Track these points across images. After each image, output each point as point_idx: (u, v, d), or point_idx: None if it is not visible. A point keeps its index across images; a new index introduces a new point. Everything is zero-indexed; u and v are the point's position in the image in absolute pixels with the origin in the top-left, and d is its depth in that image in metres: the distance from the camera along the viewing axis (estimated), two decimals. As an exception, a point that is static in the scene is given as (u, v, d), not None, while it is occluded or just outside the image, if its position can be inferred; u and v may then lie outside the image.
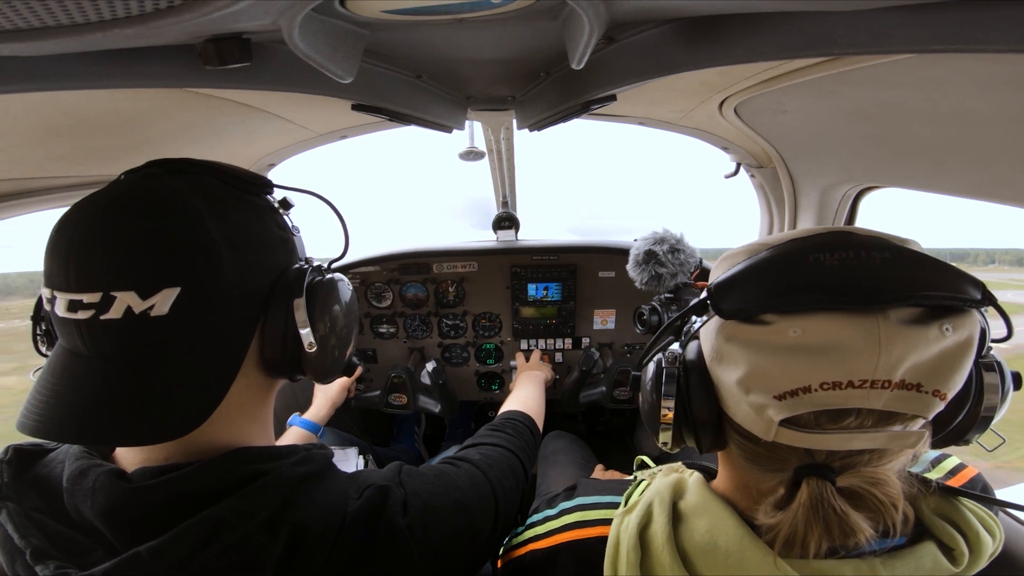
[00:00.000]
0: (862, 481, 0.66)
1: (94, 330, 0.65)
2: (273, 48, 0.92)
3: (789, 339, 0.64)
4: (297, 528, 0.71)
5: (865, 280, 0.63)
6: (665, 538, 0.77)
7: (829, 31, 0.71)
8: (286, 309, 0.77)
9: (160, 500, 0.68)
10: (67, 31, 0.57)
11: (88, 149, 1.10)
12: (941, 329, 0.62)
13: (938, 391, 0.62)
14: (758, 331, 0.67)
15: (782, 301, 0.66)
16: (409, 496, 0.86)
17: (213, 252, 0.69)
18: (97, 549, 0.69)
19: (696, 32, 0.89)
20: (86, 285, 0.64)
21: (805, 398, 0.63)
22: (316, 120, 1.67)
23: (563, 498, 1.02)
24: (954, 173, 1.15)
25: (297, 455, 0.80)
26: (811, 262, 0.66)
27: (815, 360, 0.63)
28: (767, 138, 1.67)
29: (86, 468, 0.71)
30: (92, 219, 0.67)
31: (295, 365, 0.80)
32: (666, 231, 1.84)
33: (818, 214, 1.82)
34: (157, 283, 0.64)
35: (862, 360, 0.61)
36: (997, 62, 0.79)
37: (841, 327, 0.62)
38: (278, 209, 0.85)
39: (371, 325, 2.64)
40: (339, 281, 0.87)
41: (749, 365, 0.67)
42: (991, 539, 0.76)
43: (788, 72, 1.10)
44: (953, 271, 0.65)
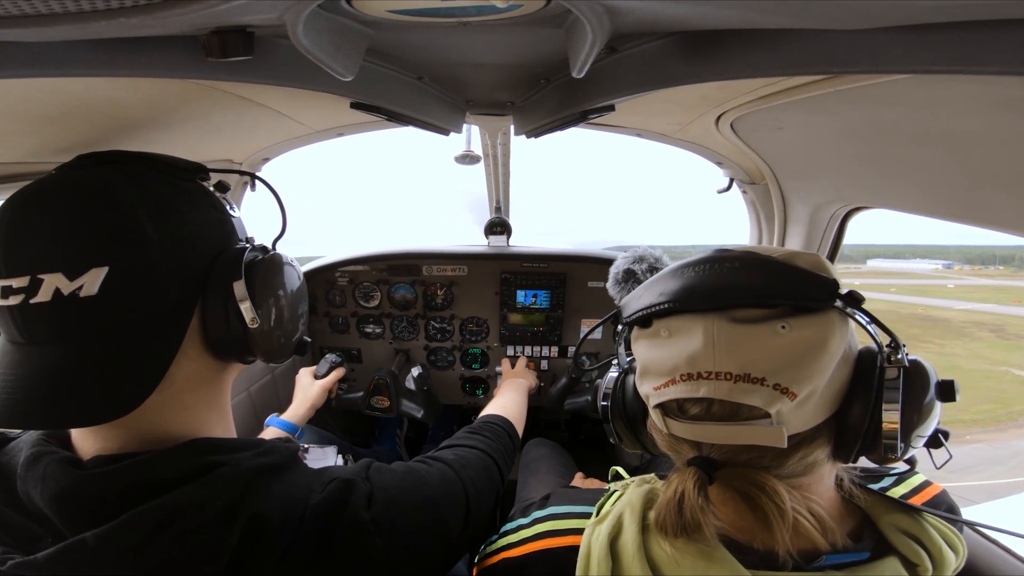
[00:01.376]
0: (744, 481, 0.72)
1: (26, 315, 0.65)
2: (276, 43, 0.91)
3: (661, 338, 0.78)
4: (255, 519, 0.70)
5: (709, 286, 0.75)
6: (635, 548, 0.78)
7: (829, 49, 0.72)
8: (225, 287, 0.77)
9: (112, 487, 0.67)
10: (73, 18, 0.57)
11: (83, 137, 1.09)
12: (777, 328, 0.69)
13: (779, 385, 0.67)
14: (646, 333, 0.82)
15: (656, 308, 0.79)
16: (375, 490, 0.85)
17: (140, 232, 0.69)
18: (47, 537, 0.68)
19: (697, 46, 0.90)
20: (14, 270, 0.65)
21: (671, 388, 0.75)
22: (314, 116, 1.66)
23: (537, 507, 1.03)
24: (942, 196, 1.17)
25: (259, 447, 0.79)
26: (680, 275, 0.79)
27: (675, 354, 0.74)
28: (761, 155, 1.69)
29: (40, 454, 0.71)
30: (19, 208, 0.68)
31: (241, 345, 0.81)
32: (646, 250, 1.85)
33: (807, 232, 1.84)
34: (84, 263, 0.65)
35: (704, 354, 0.71)
36: (991, 84, 0.81)
37: (689, 326, 0.74)
38: (213, 192, 0.85)
39: (358, 324, 2.62)
40: (282, 259, 0.88)
41: (642, 361, 0.82)
42: (954, 555, 0.78)
43: (786, 89, 1.11)
44: (804, 275, 0.72)
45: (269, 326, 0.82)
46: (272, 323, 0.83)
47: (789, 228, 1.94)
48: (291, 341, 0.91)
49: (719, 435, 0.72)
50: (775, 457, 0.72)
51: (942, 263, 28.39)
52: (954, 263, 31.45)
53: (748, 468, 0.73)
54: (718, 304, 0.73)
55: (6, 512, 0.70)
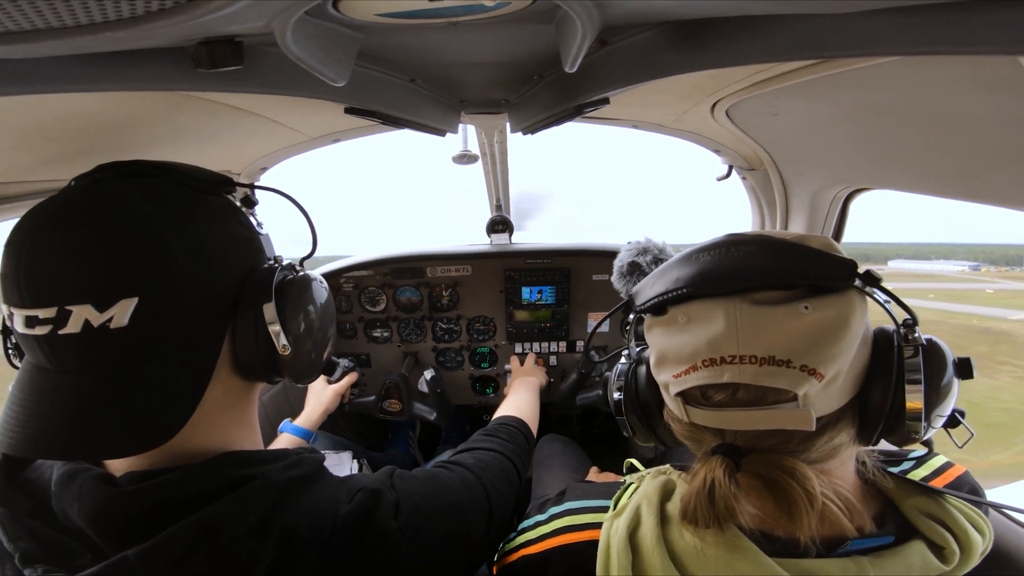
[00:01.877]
0: (770, 468, 0.71)
1: (55, 345, 0.63)
2: (265, 51, 0.91)
3: (678, 325, 0.77)
4: (287, 532, 0.71)
5: (728, 269, 0.75)
6: (655, 540, 0.77)
7: (818, 34, 0.72)
8: (255, 310, 0.75)
9: (147, 504, 0.67)
10: (57, 34, 0.57)
11: (78, 153, 1.10)
12: (800, 308, 0.69)
13: (806, 366, 0.66)
14: (661, 320, 0.81)
15: (671, 294, 0.78)
16: (401, 499, 0.85)
17: (169, 257, 0.67)
18: (86, 553, 0.69)
19: (687, 35, 0.89)
20: (40, 300, 0.62)
21: (693, 375, 0.73)
22: (309, 123, 1.66)
23: (553, 503, 1.03)
24: (941, 175, 1.16)
25: (287, 459, 0.79)
26: (694, 260, 0.79)
27: (696, 340, 0.73)
28: (758, 141, 1.68)
29: (73, 472, 0.71)
30: (39, 230, 0.65)
31: (271, 367, 0.78)
32: (649, 241, 1.85)
33: (809, 216, 1.83)
34: (113, 294, 0.62)
35: (727, 338, 0.70)
36: (981, 64, 0.80)
37: (710, 311, 0.73)
38: (240, 208, 0.83)
39: (365, 329, 2.63)
40: (312, 279, 0.85)
41: (658, 349, 0.80)
42: (981, 537, 0.77)
43: (779, 75, 1.11)
44: (820, 255, 0.72)
45: (300, 348, 0.80)
46: (302, 345, 0.80)
47: (791, 213, 1.93)
48: (319, 361, 0.88)
49: (745, 421, 0.71)
50: (801, 441, 0.71)
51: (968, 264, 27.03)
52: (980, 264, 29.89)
53: (774, 454, 0.72)
54: (738, 287, 0.72)
55: (42, 529, 0.70)
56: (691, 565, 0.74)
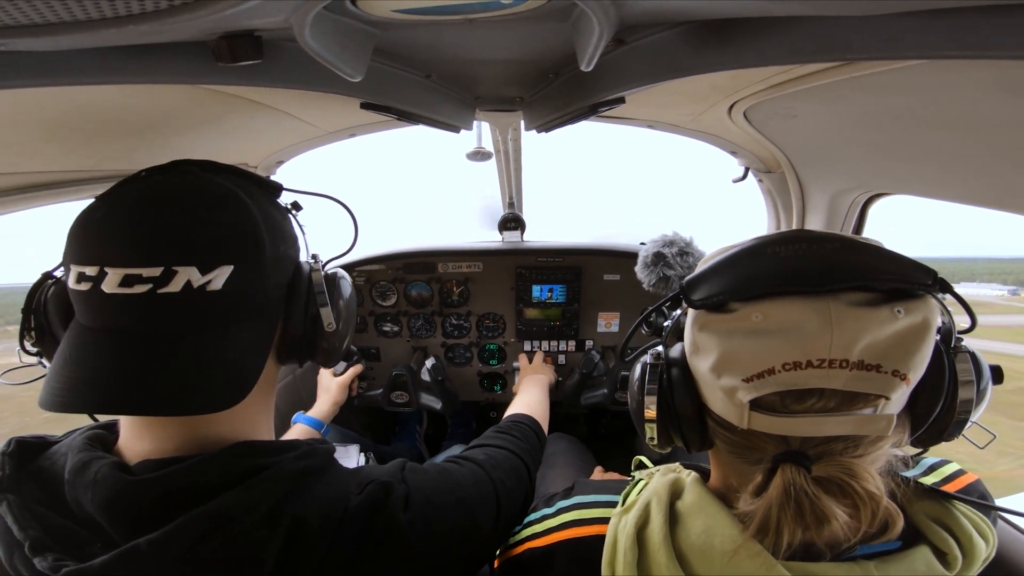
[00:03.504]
0: (838, 470, 0.67)
1: (153, 305, 0.67)
2: (284, 46, 0.92)
3: (752, 324, 0.69)
4: (297, 522, 0.72)
5: (816, 266, 0.69)
6: (662, 538, 0.77)
7: (840, 36, 0.71)
8: (308, 296, 0.84)
9: (161, 493, 0.68)
10: (82, 27, 0.57)
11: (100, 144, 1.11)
12: (893, 311, 0.66)
13: (897, 371, 0.64)
14: (725, 319, 0.72)
15: (744, 289, 0.72)
16: (412, 491, 0.86)
17: (260, 237, 0.76)
18: (96, 542, 0.69)
19: (707, 35, 0.89)
20: (148, 260, 0.67)
21: (770, 379, 0.67)
22: (325, 118, 1.67)
23: (561, 497, 1.03)
24: (963, 181, 1.15)
25: (299, 449, 0.81)
26: (769, 254, 0.73)
27: (776, 342, 0.67)
28: (776, 143, 1.67)
29: (88, 460, 0.72)
30: (146, 202, 0.72)
31: (311, 347, 0.87)
32: (676, 234, 1.84)
33: (827, 220, 1.81)
34: (215, 260, 0.70)
35: (818, 340, 0.65)
36: (1007, 68, 0.79)
37: (796, 310, 0.67)
38: (290, 210, 0.91)
39: (375, 323, 2.64)
40: (343, 276, 0.94)
41: (719, 351, 0.72)
42: (984, 544, 0.76)
43: (799, 77, 1.09)
44: (902, 259, 0.70)
45: (336, 332, 0.88)
46: (339, 330, 0.89)
47: (808, 216, 1.91)
48: (347, 346, 0.96)
49: (820, 427, 0.67)
50: (869, 444, 0.69)
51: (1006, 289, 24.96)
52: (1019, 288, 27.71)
53: (843, 457, 0.68)
54: (831, 286, 0.67)
55: (54, 517, 0.71)
56: (696, 564, 0.74)
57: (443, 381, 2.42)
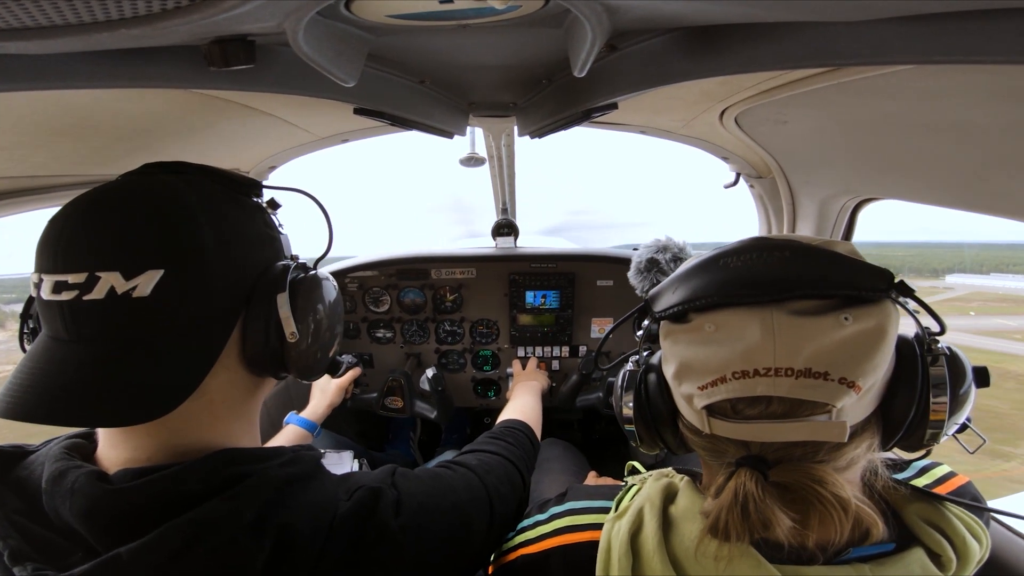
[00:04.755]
0: (803, 476, 0.67)
1: (76, 311, 0.66)
2: (277, 50, 0.92)
3: (705, 334, 0.73)
4: (284, 530, 0.71)
5: (763, 277, 0.72)
6: (656, 543, 0.77)
7: (830, 42, 0.72)
8: (268, 302, 0.78)
9: (141, 501, 0.67)
10: (74, 30, 0.57)
11: (91, 149, 1.10)
12: (840, 319, 0.67)
13: (845, 379, 0.64)
14: (684, 328, 0.77)
15: (697, 301, 0.75)
16: (403, 497, 0.85)
17: (199, 241, 0.71)
18: (77, 552, 0.68)
19: (698, 41, 0.89)
20: (72, 266, 0.66)
21: (721, 387, 0.69)
22: (318, 123, 1.67)
23: (554, 503, 1.02)
24: (952, 185, 1.16)
25: (284, 456, 0.79)
26: (721, 265, 0.76)
27: (726, 351, 0.70)
28: (767, 148, 1.68)
29: (65, 469, 0.70)
30: (84, 208, 0.70)
31: (277, 360, 0.81)
32: (669, 239, 1.84)
33: (816, 225, 1.83)
34: (141, 264, 0.66)
35: (762, 349, 0.67)
36: (995, 73, 0.80)
37: (742, 320, 0.70)
38: (266, 209, 0.87)
39: (368, 330, 2.63)
40: (323, 279, 0.88)
41: (679, 359, 0.75)
42: (978, 545, 0.77)
43: (789, 83, 1.11)
44: (857, 264, 0.71)
45: (307, 343, 0.82)
46: (310, 340, 0.83)
47: (798, 222, 1.93)
48: (325, 359, 0.90)
49: (774, 433, 0.68)
50: (830, 450, 0.69)
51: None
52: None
53: (804, 463, 0.69)
54: (774, 296, 0.69)
55: (32, 527, 0.70)
56: (691, 569, 0.74)
57: (442, 391, 2.41)
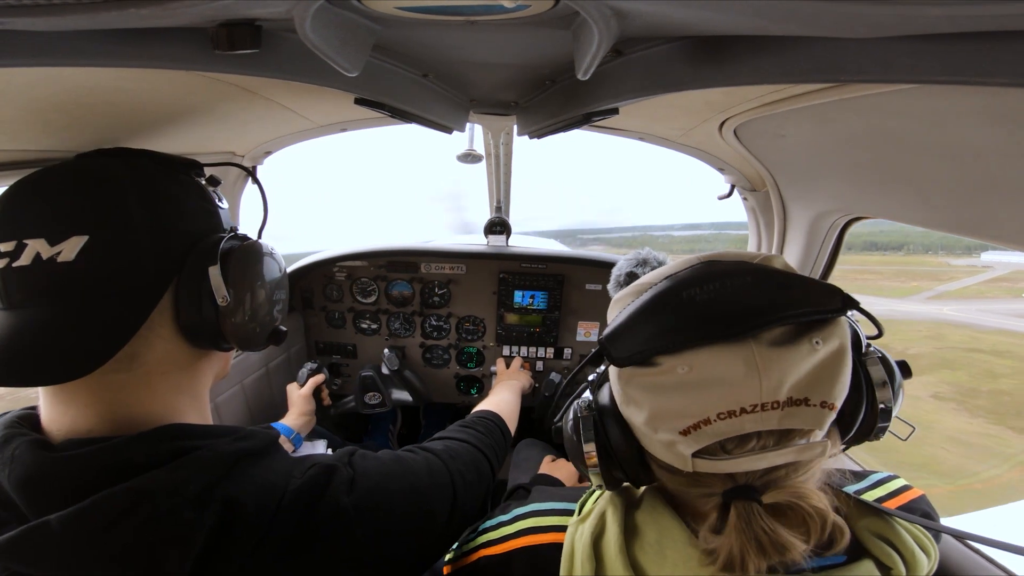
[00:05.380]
0: (787, 496, 0.68)
1: (7, 278, 0.70)
2: (283, 36, 0.91)
3: (679, 377, 0.67)
4: (230, 504, 0.70)
5: (732, 308, 0.68)
6: (617, 549, 0.77)
7: (835, 58, 0.72)
8: (199, 269, 0.80)
9: (82, 471, 0.67)
10: (84, 8, 0.56)
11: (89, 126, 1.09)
12: (812, 343, 0.67)
13: (824, 402, 0.66)
14: (651, 373, 0.70)
15: (665, 342, 0.69)
16: (358, 476, 0.85)
17: (125, 210, 0.74)
18: (12, 522, 0.67)
19: (703, 51, 0.90)
20: (4, 235, 0.70)
21: (707, 430, 0.66)
22: (318, 111, 1.66)
23: (516, 505, 1.03)
24: (944, 208, 1.17)
25: (236, 433, 0.79)
26: (684, 299, 0.71)
27: (707, 393, 0.66)
28: (763, 162, 1.69)
29: (10, 437, 0.71)
30: (21, 184, 0.74)
31: (213, 329, 0.82)
32: (649, 252, 1.85)
33: (806, 241, 1.84)
34: (66, 231, 0.69)
35: (747, 387, 0.64)
36: (996, 96, 0.81)
37: (722, 359, 0.66)
38: (205, 185, 0.90)
39: (354, 320, 2.62)
40: (261, 248, 0.90)
41: (651, 406, 0.71)
42: (926, 558, 0.78)
43: (791, 96, 1.12)
44: (809, 284, 0.71)
45: (241, 311, 0.84)
46: (245, 308, 0.85)
47: (788, 236, 1.95)
48: (265, 329, 0.92)
49: (759, 462, 0.67)
50: (806, 465, 0.71)
51: None
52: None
53: (788, 482, 0.70)
54: (751, 329, 0.66)
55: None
56: (652, 573, 0.75)
57: (400, 371, 2.41)
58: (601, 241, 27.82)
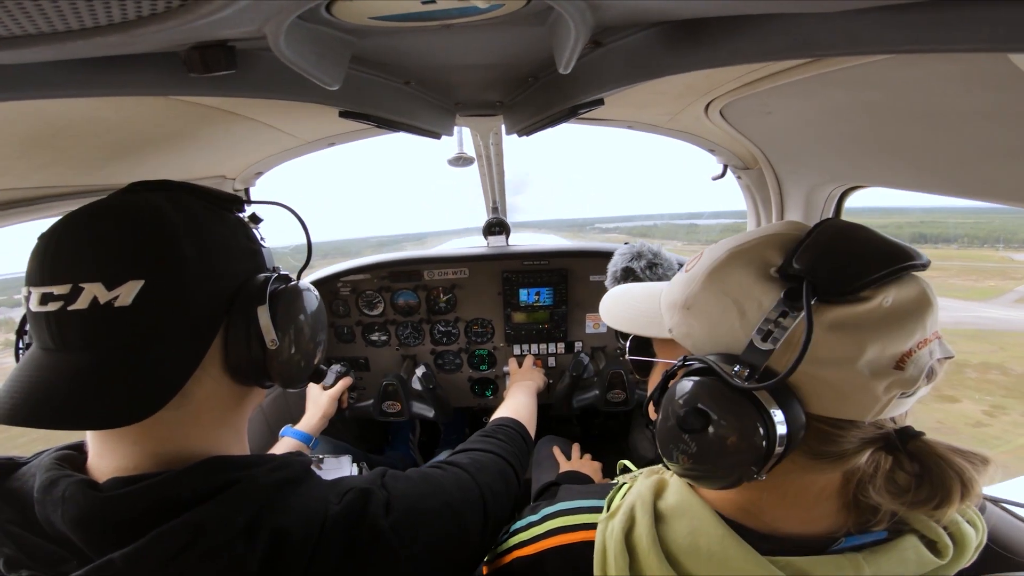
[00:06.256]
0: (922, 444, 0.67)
1: (62, 321, 0.68)
2: (259, 55, 0.91)
3: (885, 309, 0.64)
4: (277, 534, 0.72)
5: (897, 245, 0.68)
6: (650, 541, 0.77)
7: (808, 33, 0.72)
8: (249, 312, 0.80)
9: (132, 508, 0.68)
10: (47, 39, 0.56)
11: (71, 159, 1.09)
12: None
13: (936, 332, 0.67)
14: (861, 309, 0.64)
15: (870, 272, 0.65)
16: (392, 498, 0.86)
17: (179, 252, 0.73)
18: (71, 559, 0.69)
19: (681, 35, 0.90)
20: (57, 278, 0.68)
21: (912, 359, 0.63)
22: (304, 128, 1.66)
23: (545, 503, 1.02)
24: (935, 171, 1.17)
25: (272, 462, 0.80)
26: (860, 239, 0.70)
27: (911, 323, 0.64)
28: (752, 140, 1.69)
29: (56, 478, 0.71)
30: (70, 224, 0.72)
31: (260, 369, 0.82)
32: (643, 245, 1.84)
33: (805, 214, 1.84)
34: (123, 275, 0.68)
35: (934, 313, 0.66)
36: (967, 62, 0.81)
37: (916, 287, 0.66)
38: (248, 223, 0.89)
39: (363, 333, 2.62)
40: (303, 289, 0.90)
41: (864, 345, 0.64)
42: (974, 531, 0.76)
43: (772, 74, 1.11)
44: None
45: (288, 352, 0.84)
46: (291, 349, 0.85)
47: (787, 212, 1.94)
48: (309, 367, 0.92)
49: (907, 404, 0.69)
50: None
51: None
52: None
53: None
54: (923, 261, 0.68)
55: (26, 536, 0.70)
56: (687, 564, 0.74)
57: (434, 389, 2.41)
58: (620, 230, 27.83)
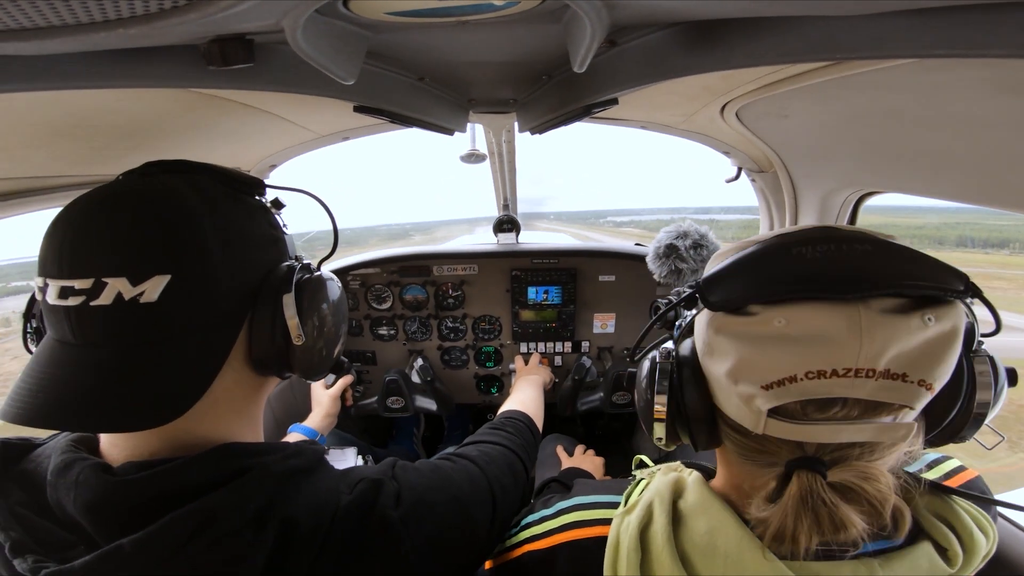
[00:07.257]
0: (854, 475, 0.66)
1: (83, 317, 0.65)
2: (276, 49, 0.92)
3: (774, 329, 0.65)
4: (287, 523, 0.71)
5: (846, 271, 0.65)
6: (665, 539, 0.76)
7: (830, 36, 0.71)
8: (274, 303, 0.78)
9: (145, 494, 0.67)
10: (71, 31, 0.57)
11: (91, 149, 1.10)
12: (924, 319, 0.63)
13: (923, 381, 0.63)
14: (745, 322, 0.68)
15: (766, 292, 0.67)
16: (403, 489, 0.86)
17: (204, 244, 0.71)
18: (79, 544, 0.68)
19: (698, 36, 0.89)
20: (78, 272, 0.65)
21: (792, 387, 0.64)
22: (318, 121, 1.67)
23: (559, 499, 1.01)
24: (956, 179, 1.15)
25: (286, 450, 0.80)
26: (794, 255, 0.68)
27: (800, 349, 0.63)
28: (768, 143, 1.67)
29: (71, 461, 0.70)
30: (87, 212, 0.69)
31: (283, 360, 0.80)
32: (691, 225, 1.82)
33: (819, 219, 1.82)
34: (148, 270, 0.65)
35: (845, 349, 0.62)
36: (997, 67, 0.79)
37: (823, 316, 0.63)
38: (270, 209, 0.87)
39: (371, 327, 2.63)
40: (328, 279, 0.88)
41: (737, 356, 0.68)
42: (985, 539, 0.76)
43: (790, 77, 1.10)
44: (935, 262, 0.67)
45: (313, 343, 0.82)
46: (316, 340, 0.83)
47: (801, 216, 1.92)
48: (330, 358, 0.91)
49: (837, 434, 0.65)
50: (887, 448, 0.68)
51: None
52: None
53: (860, 461, 0.67)
54: (862, 292, 0.63)
55: (35, 519, 0.70)
56: (700, 565, 0.74)
57: (432, 381, 2.42)
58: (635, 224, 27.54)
